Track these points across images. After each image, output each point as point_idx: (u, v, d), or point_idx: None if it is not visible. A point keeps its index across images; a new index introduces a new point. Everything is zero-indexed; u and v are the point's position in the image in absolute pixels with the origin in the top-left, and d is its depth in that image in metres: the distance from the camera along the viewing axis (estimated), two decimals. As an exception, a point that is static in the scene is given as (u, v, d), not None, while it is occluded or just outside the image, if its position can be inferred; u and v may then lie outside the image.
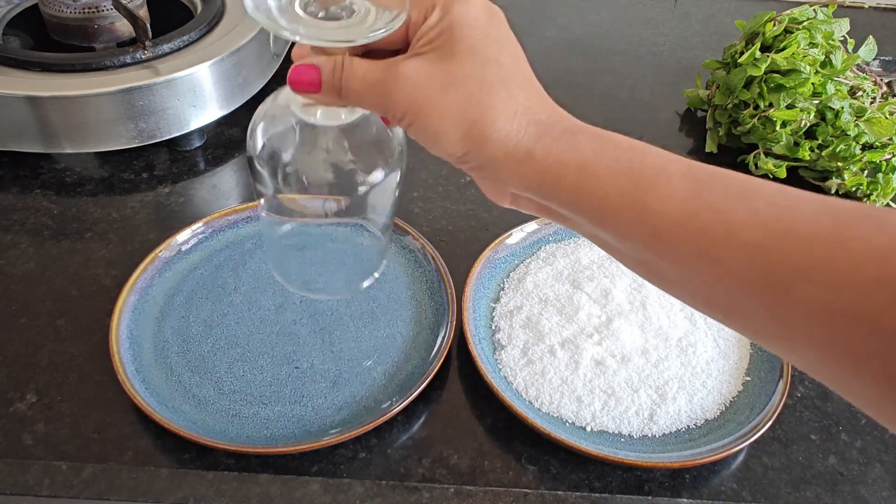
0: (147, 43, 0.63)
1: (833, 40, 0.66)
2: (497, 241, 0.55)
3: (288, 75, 0.34)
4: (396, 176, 0.39)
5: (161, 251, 0.54)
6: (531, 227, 0.57)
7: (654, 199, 0.30)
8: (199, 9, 0.72)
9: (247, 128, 0.37)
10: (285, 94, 0.37)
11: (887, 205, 0.63)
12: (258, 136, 0.38)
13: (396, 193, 0.41)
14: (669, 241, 0.29)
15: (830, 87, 0.63)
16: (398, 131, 0.39)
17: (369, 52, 0.35)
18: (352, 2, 0.34)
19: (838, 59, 0.65)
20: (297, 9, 0.33)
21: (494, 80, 0.33)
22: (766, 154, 0.65)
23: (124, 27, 0.69)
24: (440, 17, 0.33)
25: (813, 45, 0.65)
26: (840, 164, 0.62)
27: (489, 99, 0.32)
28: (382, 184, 0.39)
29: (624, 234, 0.31)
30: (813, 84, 0.63)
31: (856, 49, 0.70)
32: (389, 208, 0.42)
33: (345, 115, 0.37)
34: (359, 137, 0.38)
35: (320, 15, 0.33)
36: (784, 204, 0.28)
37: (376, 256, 0.45)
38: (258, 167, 0.39)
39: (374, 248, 0.44)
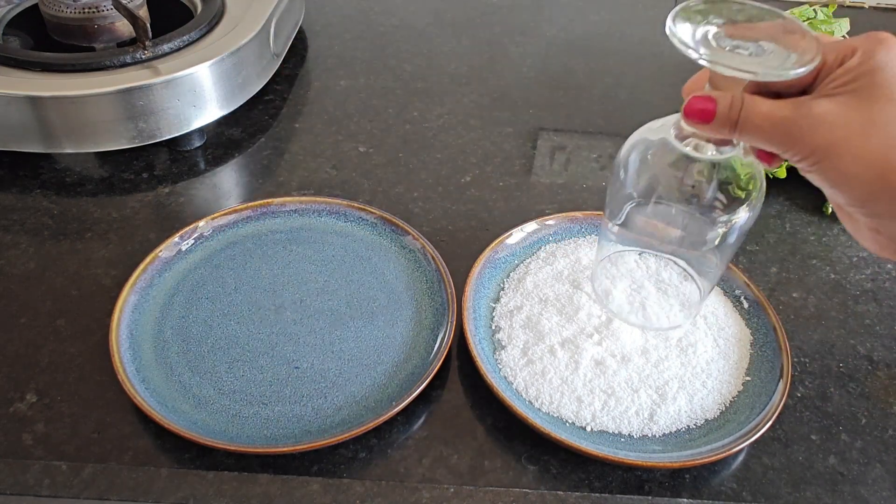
0: (147, 43, 0.63)
1: (833, 40, 0.66)
2: (497, 241, 0.55)
3: (684, 104, 0.36)
4: (753, 218, 0.41)
5: (161, 251, 0.54)
6: (531, 227, 0.57)
7: None
8: (199, 9, 0.72)
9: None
10: (666, 121, 0.40)
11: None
12: (632, 156, 0.41)
13: (744, 237, 0.43)
14: None
15: (830, 87, 0.63)
16: (760, 174, 0.40)
17: (758, 93, 0.36)
18: (762, 43, 0.35)
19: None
20: (710, 39, 0.35)
21: None
22: (767, 154, 0.65)
23: (124, 27, 0.69)
24: (861, 62, 0.34)
25: (813, 45, 0.65)
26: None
27: None
28: (740, 225, 0.41)
29: None
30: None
31: (856, 49, 0.70)
32: (732, 251, 0.43)
33: (712, 152, 0.39)
34: (726, 175, 0.40)
35: (726, 47, 0.35)
36: None
37: (699, 298, 0.47)
38: (624, 184, 0.42)
39: (699, 290, 0.47)
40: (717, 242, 0.43)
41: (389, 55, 0.84)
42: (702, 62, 0.35)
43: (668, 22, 0.36)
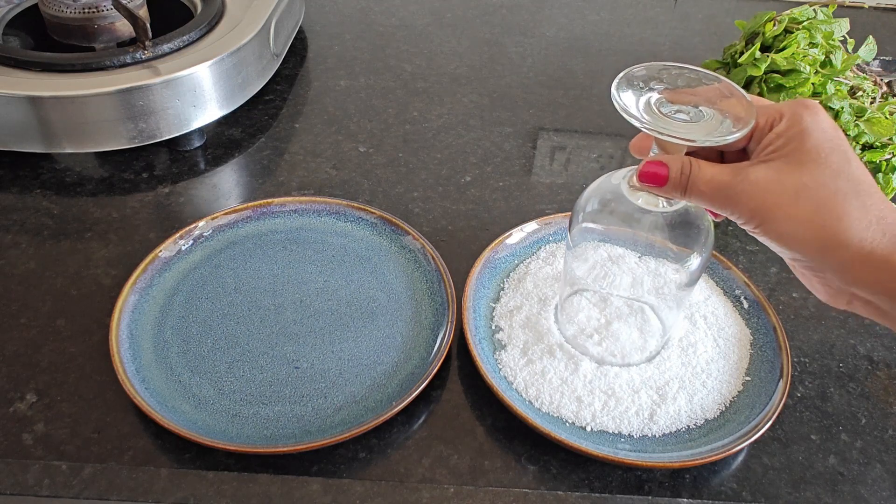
0: (147, 43, 0.63)
1: (833, 40, 0.66)
2: (497, 241, 0.55)
3: (638, 168, 0.39)
4: (704, 262, 0.44)
5: (161, 251, 0.54)
6: (531, 227, 0.57)
7: None
8: (199, 9, 0.72)
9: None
10: (619, 175, 0.43)
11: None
12: (588, 205, 0.44)
13: (697, 279, 0.45)
14: None
15: (830, 88, 0.63)
16: (708, 221, 0.43)
17: (702, 152, 0.40)
18: (700, 107, 0.38)
19: (838, 59, 0.65)
20: (652, 105, 0.38)
21: (847, 190, 0.35)
22: (767, 154, 0.65)
23: (124, 27, 0.69)
24: (788, 126, 0.36)
25: (813, 45, 0.65)
26: (840, 164, 0.62)
27: (843, 207, 0.34)
28: (692, 268, 0.44)
29: None
30: (813, 84, 0.63)
31: (856, 49, 0.70)
32: (686, 293, 0.46)
33: (662, 205, 0.42)
34: (678, 224, 0.43)
35: (668, 113, 0.38)
36: None
37: (658, 338, 0.49)
38: (581, 227, 0.45)
39: (659, 330, 0.49)
40: (674, 287, 0.46)
41: (389, 55, 0.84)
42: (645, 129, 0.37)
43: (613, 90, 0.38)
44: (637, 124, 0.37)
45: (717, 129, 0.37)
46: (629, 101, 0.38)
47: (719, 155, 0.40)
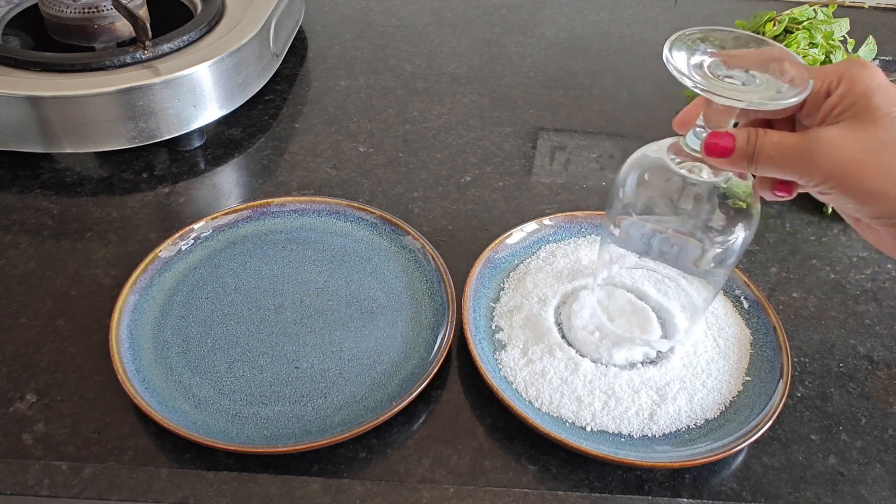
0: (147, 43, 0.63)
1: (833, 40, 0.66)
2: (497, 241, 0.55)
3: (704, 141, 0.38)
4: (748, 238, 0.42)
5: (161, 251, 0.54)
6: (531, 227, 0.57)
7: None
8: (199, 9, 0.72)
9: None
10: (656, 147, 0.42)
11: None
12: (629, 179, 0.43)
13: (739, 257, 0.44)
14: None
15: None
16: (756, 195, 0.42)
17: (751, 123, 0.39)
18: (752, 72, 0.37)
19: (838, 59, 0.65)
20: (704, 68, 0.37)
21: None
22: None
23: (124, 27, 0.69)
24: (849, 87, 0.36)
25: (813, 45, 0.65)
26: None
27: None
28: (736, 245, 0.42)
29: None
30: (813, 84, 0.63)
31: (856, 49, 0.70)
32: (725, 271, 0.45)
33: (706, 175, 0.40)
34: (722, 196, 0.41)
35: (720, 76, 0.37)
36: None
37: (691, 317, 0.48)
38: (622, 203, 0.43)
39: (693, 307, 0.48)
40: (712, 264, 0.44)
41: (389, 55, 0.84)
42: (697, 90, 0.36)
43: (665, 51, 0.37)
44: (689, 83, 0.36)
45: (773, 94, 0.36)
46: (680, 62, 0.37)
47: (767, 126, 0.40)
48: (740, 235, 0.42)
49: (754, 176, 0.40)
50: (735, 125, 0.39)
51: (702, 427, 0.46)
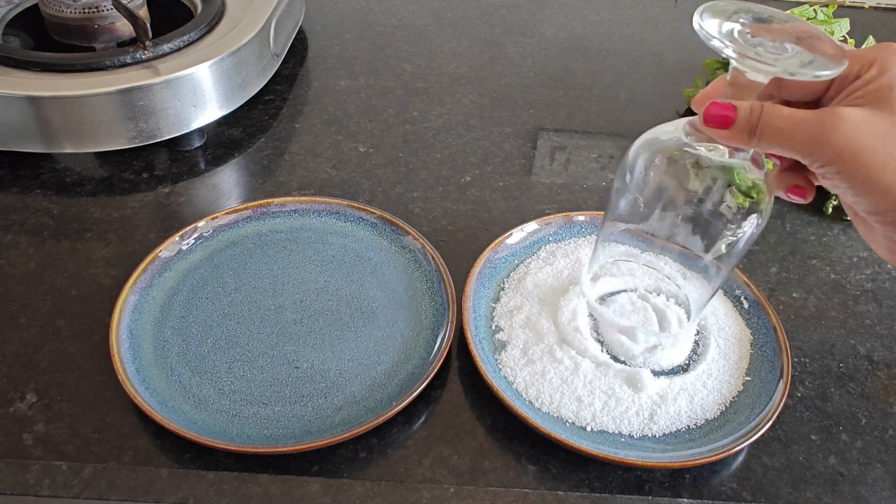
0: (147, 43, 0.63)
1: (833, 40, 0.66)
2: (497, 241, 0.55)
3: (704, 109, 0.36)
4: (758, 228, 0.41)
5: (161, 251, 0.54)
6: (531, 227, 0.57)
7: None
8: (199, 9, 0.72)
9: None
10: (677, 124, 0.40)
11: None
12: (639, 159, 0.41)
13: (747, 248, 0.43)
14: None
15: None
16: (769, 185, 0.40)
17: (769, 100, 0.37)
18: (785, 43, 0.35)
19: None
20: (735, 35, 0.35)
21: None
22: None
23: (124, 27, 0.69)
24: (879, 73, 0.34)
25: (813, 45, 0.65)
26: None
27: None
28: (746, 233, 0.41)
29: None
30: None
31: (856, 49, 0.70)
32: (735, 262, 0.44)
33: (722, 155, 0.39)
34: (735, 184, 0.40)
35: (752, 46, 0.35)
36: None
37: (696, 304, 0.47)
38: (628, 187, 0.42)
39: (699, 296, 0.47)
40: (723, 250, 0.43)
41: (389, 55, 0.84)
42: (728, 54, 0.34)
43: (696, 17, 0.36)
44: (720, 47, 0.34)
45: (808, 65, 0.34)
46: (712, 28, 0.35)
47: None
48: (750, 227, 0.41)
49: (772, 167, 0.39)
50: None
51: (702, 427, 0.46)
